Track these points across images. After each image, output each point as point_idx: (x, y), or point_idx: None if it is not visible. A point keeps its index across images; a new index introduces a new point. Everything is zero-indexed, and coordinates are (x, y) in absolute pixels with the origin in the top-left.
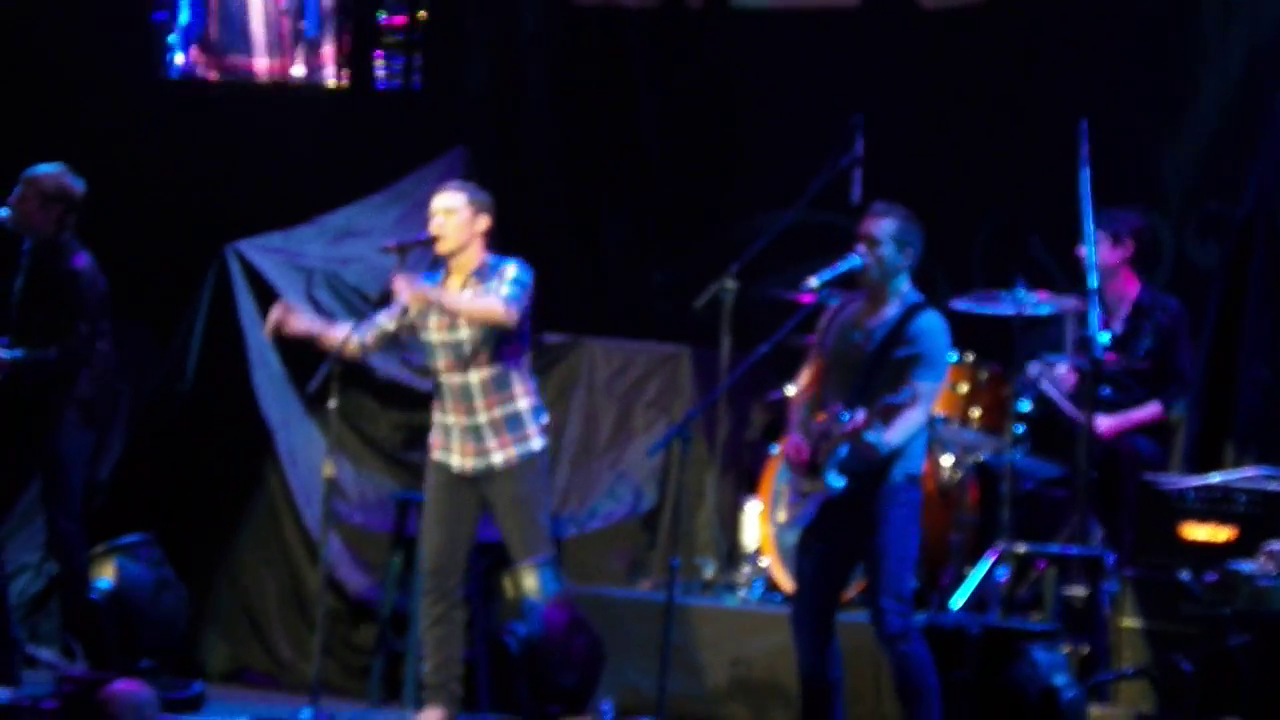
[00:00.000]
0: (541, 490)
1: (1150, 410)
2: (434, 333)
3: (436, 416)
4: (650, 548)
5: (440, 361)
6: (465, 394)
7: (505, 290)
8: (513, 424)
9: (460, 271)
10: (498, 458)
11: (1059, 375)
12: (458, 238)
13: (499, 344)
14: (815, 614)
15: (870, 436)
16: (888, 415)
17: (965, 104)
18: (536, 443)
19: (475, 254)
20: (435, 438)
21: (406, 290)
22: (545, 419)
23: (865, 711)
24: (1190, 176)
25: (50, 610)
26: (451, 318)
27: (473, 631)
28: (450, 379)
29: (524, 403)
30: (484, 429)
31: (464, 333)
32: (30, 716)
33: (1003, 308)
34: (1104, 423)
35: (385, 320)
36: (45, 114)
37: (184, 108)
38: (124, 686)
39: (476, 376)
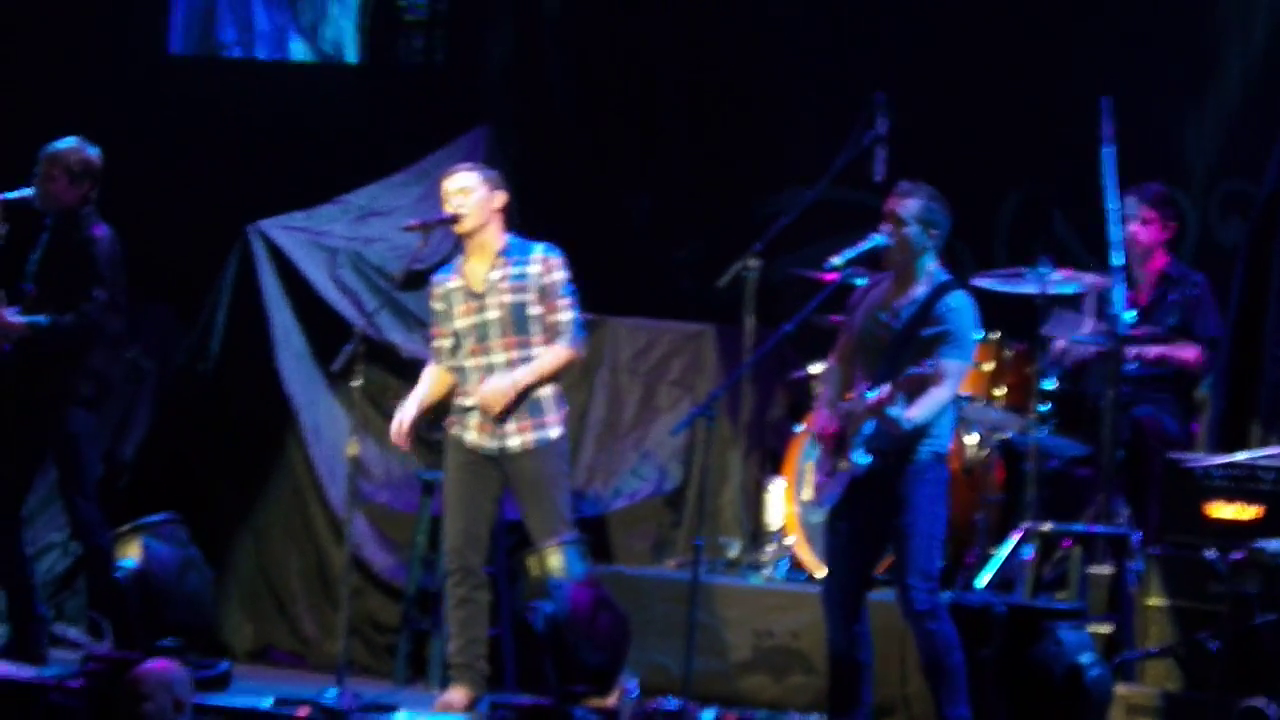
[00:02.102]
0: (560, 473)
1: (1190, 351)
2: (460, 318)
3: (456, 400)
4: (675, 527)
5: (466, 345)
6: (489, 376)
7: (566, 324)
8: (533, 409)
9: (483, 253)
10: (514, 441)
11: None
12: (477, 215)
13: (526, 329)
14: (845, 594)
15: (892, 411)
16: (911, 387)
17: (990, 81)
18: (554, 430)
19: (496, 233)
20: (453, 416)
21: (492, 399)
22: (565, 408)
23: (891, 692)
24: (1213, 154)
25: (76, 589)
26: (480, 302)
27: (498, 611)
28: (475, 360)
29: (547, 390)
30: (503, 411)
31: (491, 314)
32: (56, 695)
33: (1027, 285)
34: (1147, 349)
35: (442, 343)
36: (66, 91)
37: (206, 86)
38: (156, 665)
39: (502, 359)
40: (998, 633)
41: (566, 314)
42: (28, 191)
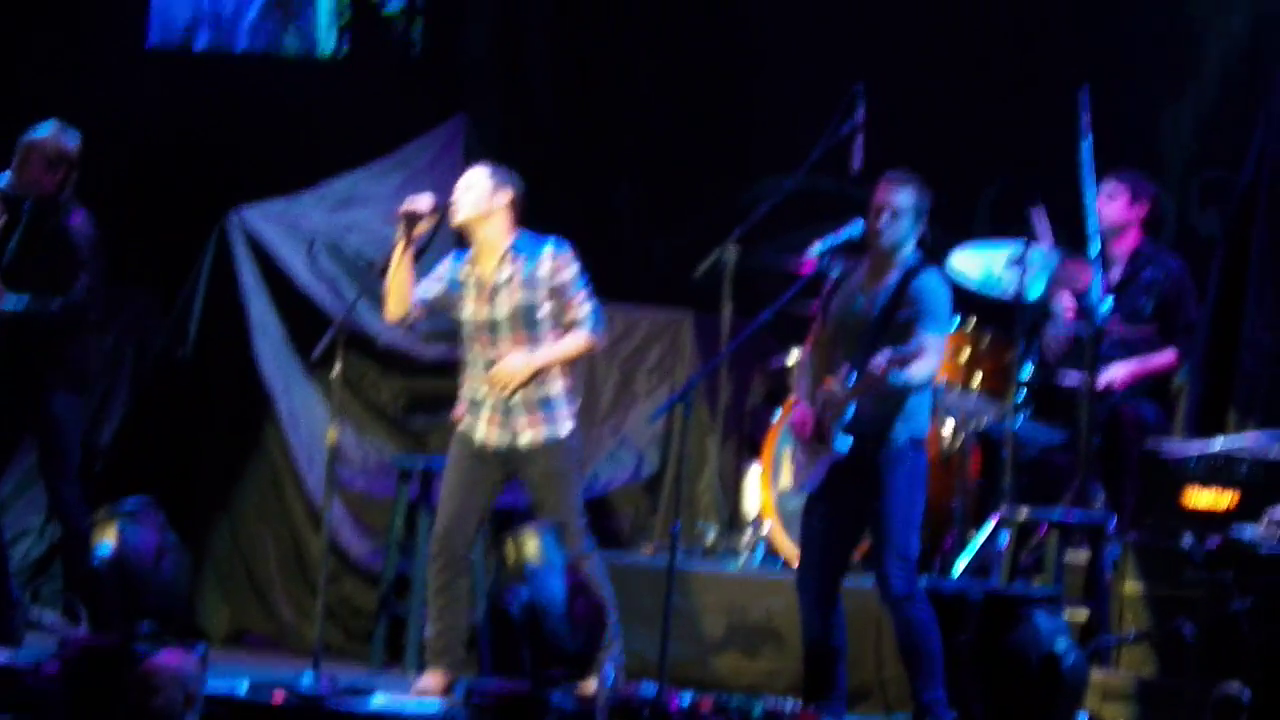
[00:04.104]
0: (572, 469)
1: (1165, 357)
2: (470, 308)
3: (465, 389)
4: (652, 513)
5: (475, 338)
6: None
7: (584, 319)
8: (545, 406)
9: (490, 250)
10: (524, 438)
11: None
12: (471, 210)
13: (536, 328)
14: (821, 581)
15: (893, 378)
16: (900, 365)
17: (968, 70)
18: (565, 427)
19: (501, 230)
20: (461, 409)
21: (507, 375)
22: (576, 404)
23: (867, 677)
24: (1192, 144)
25: (53, 573)
26: (491, 298)
27: (474, 596)
28: (484, 354)
29: (558, 386)
30: (515, 407)
31: (501, 312)
32: (32, 679)
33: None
34: (1118, 372)
35: (431, 285)
36: (43, 82)
37: (186, 76)
38: (168, 658)
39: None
40: (973, 618)
41: (585, 307)
42: (3, 177)
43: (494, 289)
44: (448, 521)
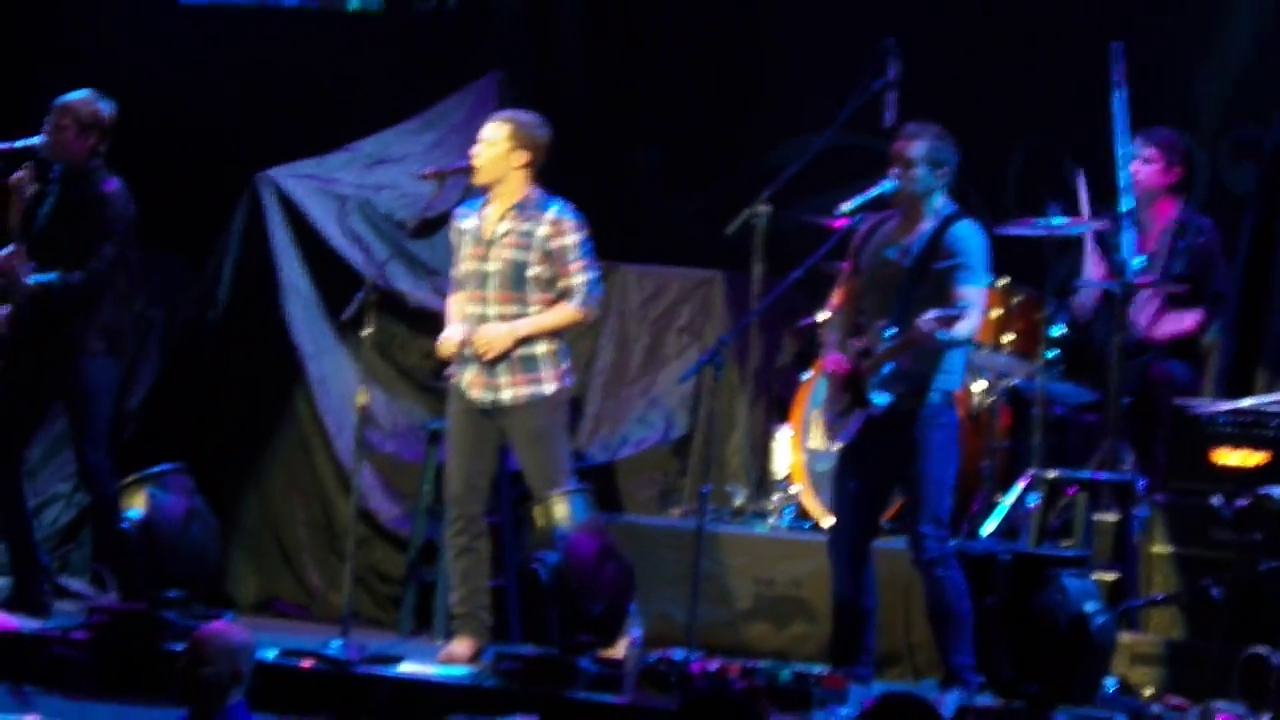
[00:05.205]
0: (556, 425)
1: (1194, 317)
2: (465, 262)
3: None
4: (681, 475)
5: (466, 290)
6: (481, 326)
7: (577, 288)
8: (527, 365)
9: (501, 202)
10: (506, 394)
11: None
12: (491, 170)
13: (523, 287)
14: (853, 541)
15: (942, 335)
16: (944, 325)
17: (1000, 26)
18: (549, 386)
19: (517, 186)
20: (453, 365)
21: (485, 344)
22: (566, 364)
23: (896, 641)
24: (1225, 99)
25: (81, 540)
26: (485, 250)
27: (502, 561)
28: (472, 309)
29: (542, 347)
30: (498, 365)
31: (492, 266)
32: (60, 647)
33: (1035, 231)
34: (1157, 334)
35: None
36: (74, 40)
37: (216, 32)
38: (221, 629)
39: (495, 312)
40: (1002, 580)
41: (580, 277)
42: (35, 140)
43: (490, 242)
44: (459, 484)
